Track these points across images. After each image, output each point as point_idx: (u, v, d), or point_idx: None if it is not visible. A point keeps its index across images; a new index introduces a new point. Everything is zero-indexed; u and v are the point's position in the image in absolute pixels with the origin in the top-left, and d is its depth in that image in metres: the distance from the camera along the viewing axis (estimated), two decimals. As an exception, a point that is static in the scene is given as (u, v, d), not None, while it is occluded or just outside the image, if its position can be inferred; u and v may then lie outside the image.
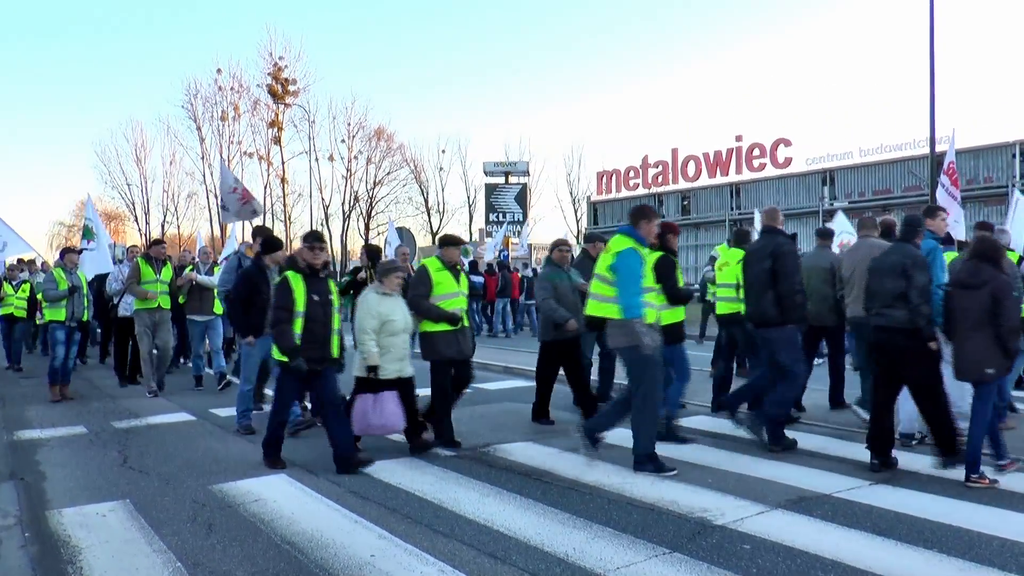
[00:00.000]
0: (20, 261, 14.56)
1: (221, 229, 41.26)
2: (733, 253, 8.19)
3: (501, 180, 47.22)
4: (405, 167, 50.73)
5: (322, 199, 48.61)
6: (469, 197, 51.44)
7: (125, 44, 67.91)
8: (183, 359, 12.02)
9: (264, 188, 45.47)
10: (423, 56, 70.63)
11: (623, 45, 71.73)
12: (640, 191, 38.68)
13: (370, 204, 50.22)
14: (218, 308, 9.88)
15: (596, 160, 61.51)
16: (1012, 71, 44.53)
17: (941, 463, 5.47)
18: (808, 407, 7.59)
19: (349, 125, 49.08)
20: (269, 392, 8.13)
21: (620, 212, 40.01)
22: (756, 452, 6.17)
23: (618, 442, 6.51)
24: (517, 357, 12.91)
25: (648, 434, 5.65)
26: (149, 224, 50.32)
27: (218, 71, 47.16)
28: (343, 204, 49.59)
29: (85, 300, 9.77)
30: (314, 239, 6.08)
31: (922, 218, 6.11)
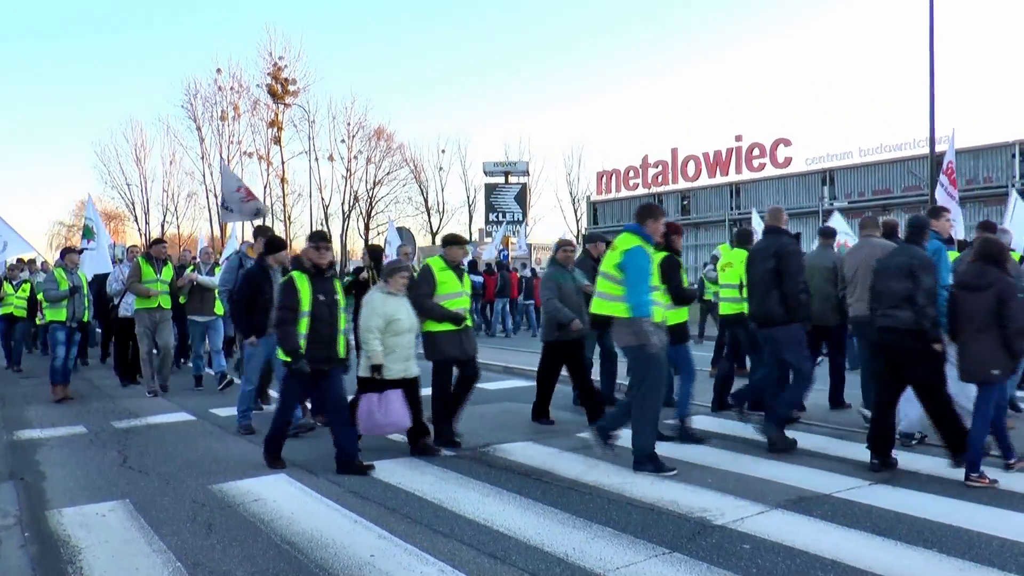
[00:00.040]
0: (20, 261, 14.55)
1: (221, 229, 41.30)
2: (736, 254, 8.17)
3: (501, 180, 47.23)
4: (405, 167, 50.81)
5: (322, 199, 48.66)
6: (469, 197, 51.52)
7: (125, 44, 68.00)
8: (184, 359, 12.01)
9: (264, 188, 45.46)
10: (423, 56, 70.73)
11: (623, 45, 71.85)
12: (640, 191, 38.68)
13: (370, 204, 50.25)
14: (219, 309, 9.86)
15: (596, 160, 61.64)
16: (1012, 71, 44.68)
17: (952, 462, 5.48)
18: (808, 407, 7.58)
19: (349, 125, 49.14)
20: (273, 393, 8.17)
21: (620, 212, 40.02)
22: (756, 452, 6.17)
23: (618, 442, 6.52)
24: (517, 357, 12.92)
25: (648, 433, 5.64)
26: (149, 224, 50.37)
27: (218, 71, 47.22)
28: (343, 204, 49.67)
29: (86, 300, 9.76)
30: (320, 239, 6.04)
31: (928, 219, 6.12)
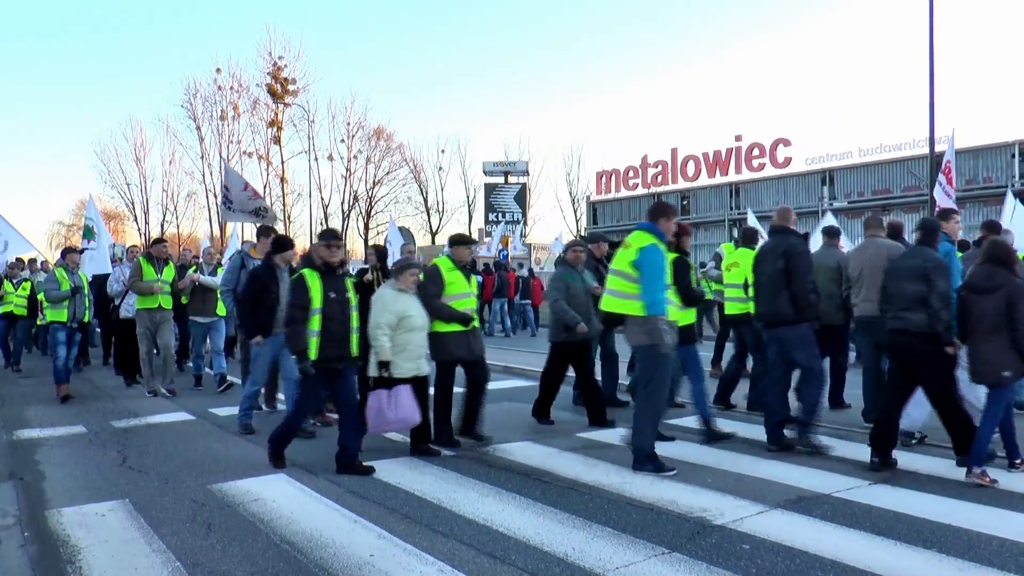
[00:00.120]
0: (19, 260, 14.53)
1: (221, 228, 41.31)
2: (741, 253, 8.15)
3: (500, 180, 47.24)
4: (404, 167, 50.87)
5: (321, 199, 48.71)
6: (469, 197, 51.56)
7: (125, 44, 67.94)
8: (185, 359, 11.85)
9: (264, 188, 45.46)
10: (423, 56, 70.70)
11: (623, 45, 71.79)
12: (640, 191, 38.69)
13: (370, 204, 50.28)
14: (221, 310, 9.78)
15: (596, 160, 61.76)
16: (1012, 71, 44.69)
17: (958, 461, 5.52)
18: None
19: (348, 125, 49.20)
20: (281, 396, 8.14)
21: (619, 212, 40.04)
22: (755, 452, 6.18)
23: (617, 441, 6.52)
24: (517, 357, 12.92)
25: (649, 433, 5.65)
26: (148, 224, 50.40)
27: (217, 71, 47.26)
28: (343, 204, 49.70)
29: (86, 301, 9.74)
30: (331, 237, 5.98)
31: (939, 222, 6.15)
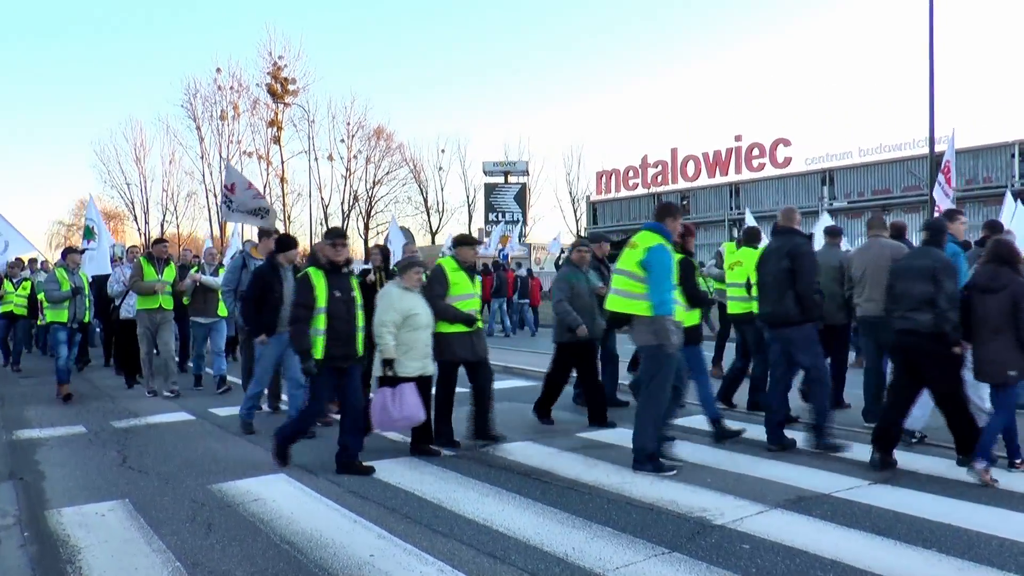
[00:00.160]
0: (18, 260, 14.52)
1: (221, 228, 41.31)
2: (745, 252, 8.12)
3: (500, 180, 47.26)
4: (404, 167, 50.92)
5: (321, 199, 48.74)
6: (468, 197, 51.59)
7: (125, 44, 68.01)
8: (186, 360, 11.53)
9: (264, 188, 45.46)
10: (423, 56, 70.76)
11: (623, 45, 71.84)
12: (639, 191, 38.70)
13: (369, 204, 50.30)
14: (222, 310, 9.70)
15: (596, 160, 61.80)
16: (1012, 71, 44.68)
17: (959, 460, 5.55)
18: (807, 407, 7.58)
19: (348, 124, 49.26)
20: (284, 397, 8.11)
21: (619, 212, 40.05)
22: (755, 452, 6.17)
23: (617, 441, 6.53)
24: (517, 357, 12.92)
25: (650, 433, 5.64)
26: (148, 224, 50.41)
27: (217, 70, 47.35)
28: (342, 204, 49.75)
29: (87, 301, 9.71)
30: (336, 235, 5.96)
31: (946, 222, 6.17)
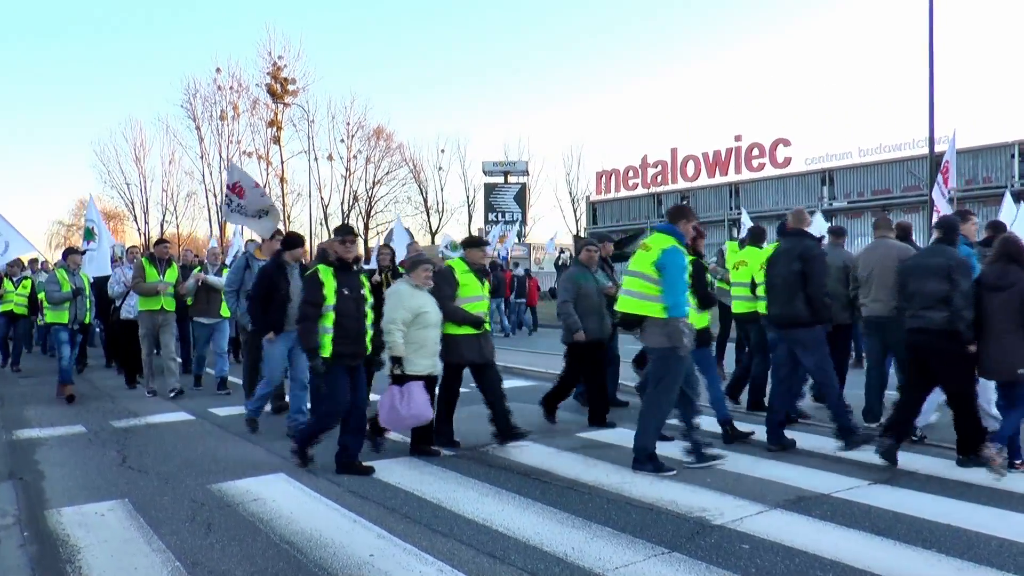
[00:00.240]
0: (17, 260, 14.50)
1: (220, 228, 41.29)
2: (749, 252, 8.10)
3: (500, 180, 47.25)
4: (404, 167, 50.81)
5: (321, 199, 48.67)
6: (468, 197, 51.52)
7: (125, 44, 67.96)
8: (192, 363, 11.05)
9: (264, 188, 45.40)
10: (423, 56, 70.75)
11: (623, 45, 71.84)
12: (639, 191, 38.70)
13: (369, 203, 50.25)
14: (225, 311, 9.66)
15: (595, 160, 61.75)
16: (1012, 71, 44.66)
17: (959, 461, 5.57)
18: (807, 407, 7.58)
19: (348, 124, 49.16)
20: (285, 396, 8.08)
21: (619, 212, 40.04)
22: (755, 452, 6.17)
23: (616, 442, 6.53)
24: (516, 357, 12.91)
25: (653, 433, 5.66)
26: (148, 224, 50.37)
27: (217, 70, 47.20)
28: (342, 204, 49.64)
29: (87, 302, 9.67)
30: (346, 232, 5.92)
31: (958, 220, 6.19)
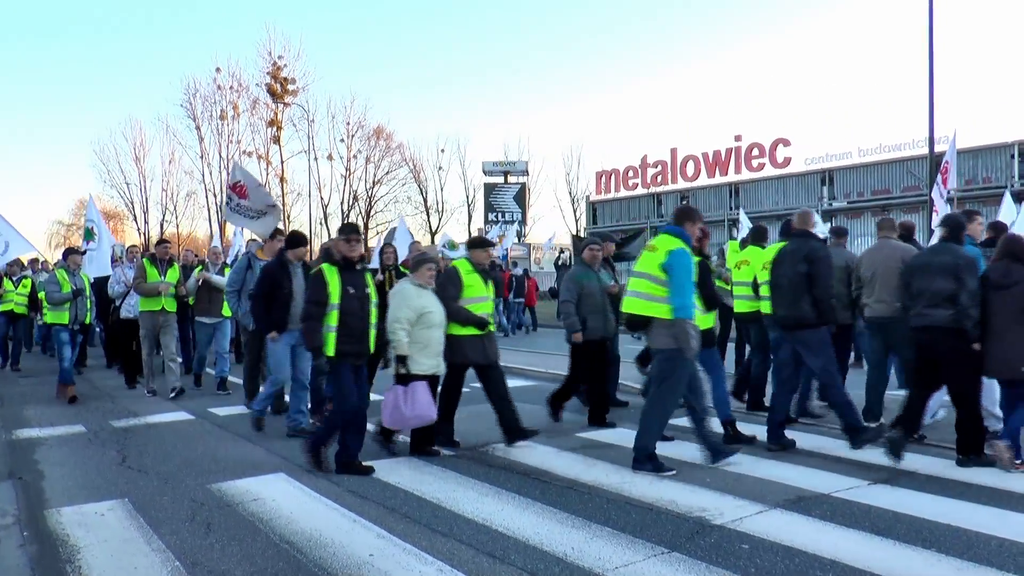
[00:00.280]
0: (17, 260, 14.49)
1: (220, 228, 41.24)
2: (752, 251, 8.09)
3: (500, 180, 47.23)
4: (404, 166, 50.79)
5: (321, 198, 48.65)
6: (468, 197, 51.50)
7: (125, 44, 67.89)
8: (193, 363, 10.89)
9: (265, 187, 45.39)
10: (423, 56, 70.72)
11: (623, 45, 71.83)
12: (639, 191, 38.70)
13: (369, 203, 50.23)
14: (227, 311, 9.63)
15: (595, 160, 61.69)
16: (1012, 71, 44.62)
17: (959, 461, 5.58)
18: (816, 407, 7.58)
19: (348, 124, 49.12)
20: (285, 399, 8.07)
21: (619, 212, 40.03)
22: (754, 452, 6.17)
23: (616, 442, 6.53)
24: (516, 357, 12.90)
25: (655, 433, 5.68)
26: (148, 223, 50.33)
27: (217, 70, 47.15)
28: (342, 203, 49.61)
29: (88, 302, 9.64)
30: (350, 231, 5.90)
31: (964, 218, 6.21)
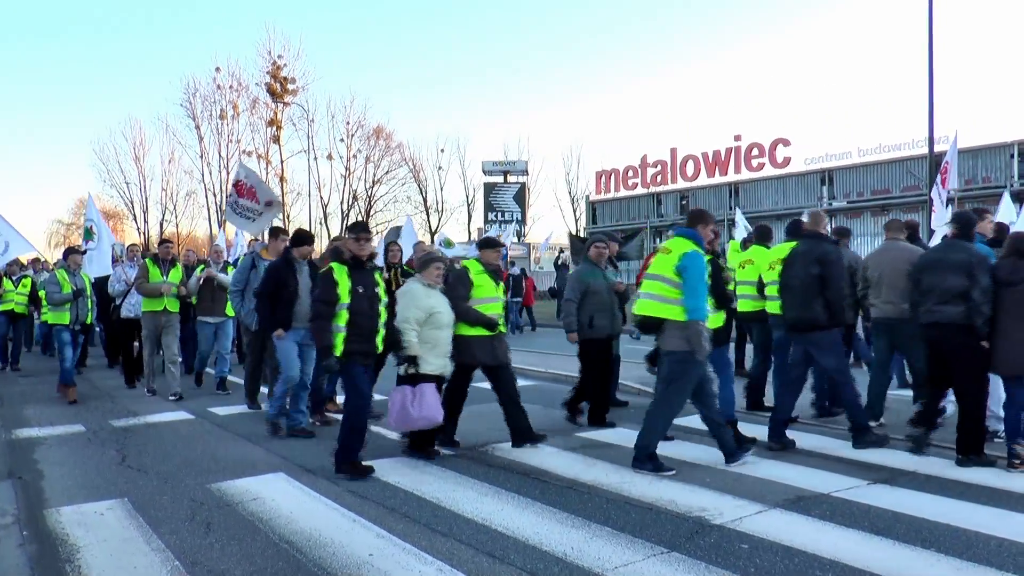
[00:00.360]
0: (16, 260, 14.47)
1: (220, 227, 41.23)
2: (756, 251, 8.08)
3: (500, 179, 47.19)
4: (404, 166, 50.77)
5: (321, 198, 48.63)
6: (468, 196, 51.50)
7: (125, 44, 67.95)
8: (195, 362, 10.78)
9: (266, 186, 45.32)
10: (423, 56, 70.76)
11: (623, 45, 71.86)
12: (639, 191, 38.71)
13: (369, 203, 50.20)
14: (230, 310, 9.59)
15: (595, 159, 61.76)
16: (1011, 71, 44.57)
17: (959, 461, 5.59)
18: (806, 407, 7.58)
19: (348, 124, 49.11)
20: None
21: (619, 211, 40.04)
22: (754, 452, 6.15)
23: (616, 441, 6.54)
24: (516, 356, 12.86)
25: (658, 433, 5.69)
26: (148, 223, 50.32)
27: (217, 70, 47.13)
28: (342, 203, 49.59)
29: (89, 302, 9.61)
30: (360, 229, 5.88)
31: (974, 215, 6.23)
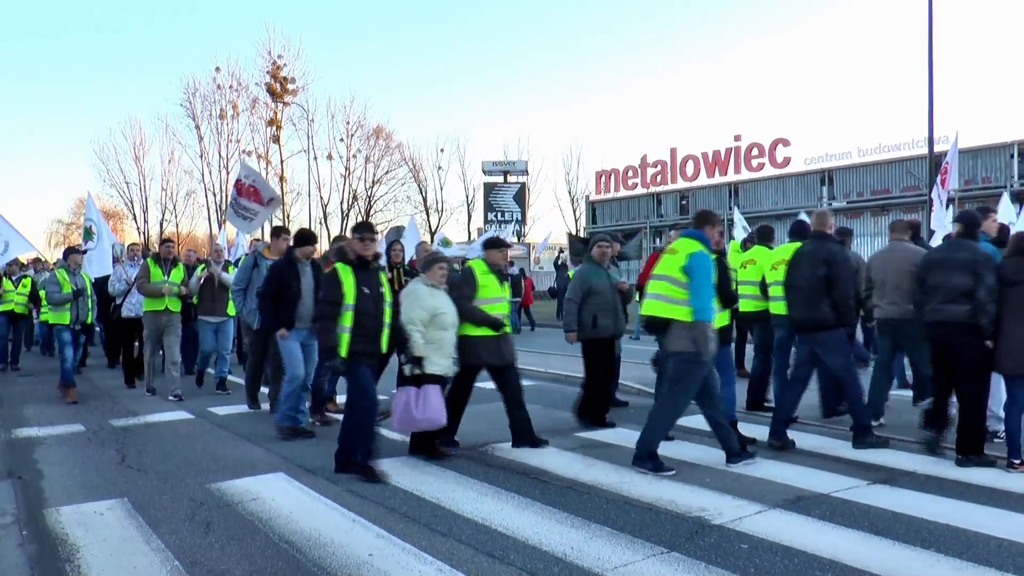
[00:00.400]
0: (16, 260, 14.46)
1: (220, 226, 41.23)
2: (758, 251, 8.08)
3: (500, 179, 47.19)
4: (404, 166, 50.78)
5: (320, 198, 48.64)
6: (468, 196, 51.51)
7: (125, 44, 67.99)
8: (196, 362, 10.71)
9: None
10: (423, 56, 70.80)
11: (623, 45, 71.91)
12: (639, 191, 38.74)
13: (369, 203, 50.21)
14: (231, 310, 9.60)
15: (595, 159, 61.79)
16: (1011, 71, 44.61)
17: (958, 461, 5.60)
18: (805, 407, 7.57)
19: (348, 124, 49.13)
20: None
21: (619, 211, 40.08)
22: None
23: (616, 441, 6.54)
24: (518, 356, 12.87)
25: (661, 432, 5.69)
26: (148, 222, 50.33)
27: (217, 69, 47.16)
28: (342, 203, 49.61)
29: (89, 302, 9.60)
30: (365, 230, 5.87)
31: (979, 215, 6.24)
